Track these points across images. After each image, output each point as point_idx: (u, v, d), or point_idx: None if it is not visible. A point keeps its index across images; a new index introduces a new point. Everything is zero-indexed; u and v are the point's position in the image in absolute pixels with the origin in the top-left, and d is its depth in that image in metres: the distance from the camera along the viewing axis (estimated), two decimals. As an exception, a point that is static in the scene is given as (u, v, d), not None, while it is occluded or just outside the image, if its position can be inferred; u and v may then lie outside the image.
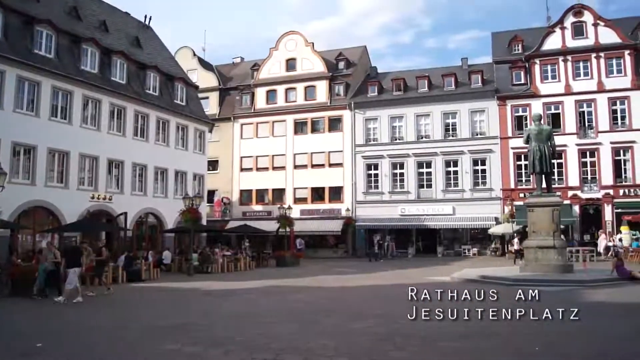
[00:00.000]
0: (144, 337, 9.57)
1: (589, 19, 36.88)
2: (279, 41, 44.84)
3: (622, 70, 35.48)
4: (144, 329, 10.39)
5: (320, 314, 11.66)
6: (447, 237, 38.70)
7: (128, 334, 9.82)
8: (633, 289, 15.11)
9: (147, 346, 8.72)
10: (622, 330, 8.89)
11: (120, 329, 10.35)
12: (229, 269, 26.86)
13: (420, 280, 19.51)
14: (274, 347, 8.20)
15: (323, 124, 42.11)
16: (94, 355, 8.23)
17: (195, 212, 26.08)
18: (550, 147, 19.62)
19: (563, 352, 7.58)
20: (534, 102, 36.46)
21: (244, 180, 43.15)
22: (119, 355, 8.26)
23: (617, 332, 8.72)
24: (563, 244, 19.54)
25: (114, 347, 8.77)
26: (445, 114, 38.67)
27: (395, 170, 39.32)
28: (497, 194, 36.67)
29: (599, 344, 7.95)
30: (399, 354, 7.61)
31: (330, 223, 39.32)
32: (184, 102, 34.38)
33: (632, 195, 34.03)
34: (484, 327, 9.43)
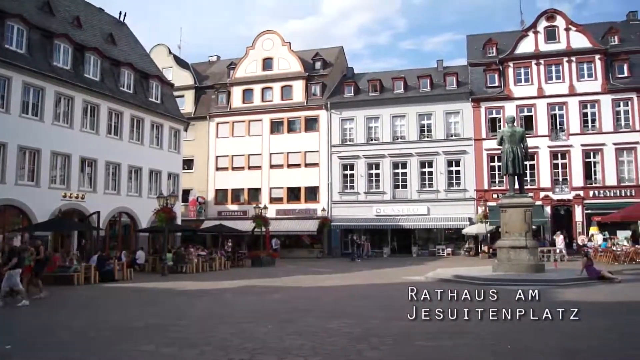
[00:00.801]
0: (118, 338, 9.44)
1: (561, 24, 37.65)
2: (256, 40, 44.69)
3: (593, 74, 36.30)
4: (118, 329, 10.25)
5: (296, 314, 11.67)
6: (422, 237, 39.10)
7: (101, 335, 9.68)
8: (602, 289, 15.45)
9: (120, 347, 8.60)
10: (592, 328, 9.09)
11: (93, 330, 10.20)
12: (203, 269, 26.69)
13: (395, 280, 19.69)
14: (249, 347, 8.17)
15: (299, 123, 42.11)
16: (66, 356, 8.10)
17: (169, 212, 25.84)
18: (523, 148, 20.00)
19: (534, 350, 7.71)
20: (507, 104, 37.06)
21: (220, 179, 42.89)
22: (92, 357, 8.13)
23: (587, 330, 8.91)
24: (535, 244, 19.90)
25: (87, 348, 8.64)
26: (420, 115, 39.02)
27: (370, 170, 39.53)
28: (471, 194, 37.15)
29: (569, 342, 8.11)
30: (374, 353, 7.66)
31: (306, 223, 39.35)
32: (159, 100, 34.04)
33: (602, 197, 34.83)
34: (459, 326, 9.56)
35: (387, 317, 10.99)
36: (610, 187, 34.95)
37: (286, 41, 44.32)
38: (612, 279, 16.94)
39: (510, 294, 9.01)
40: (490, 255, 29.95)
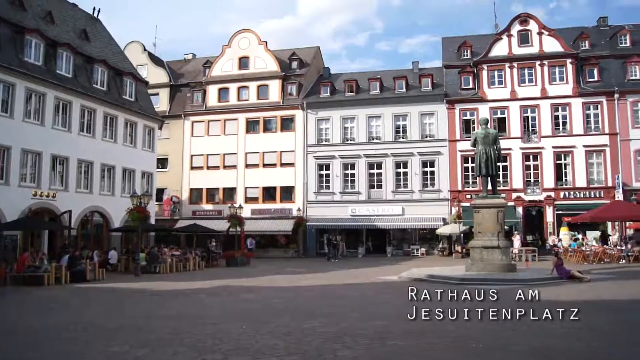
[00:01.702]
0: (90, 339, 9.31)
1: (534, 28, 38.30)
2: (232, 39, 44.44)
3: (564, 78, 37.02)
4: (89, 330, 10.10)
5: (270, 314, 11.65)
6: (397, 237, 39.37)
7: (71, 336, 9.53)
8: (571, 288, 15.77)
9: (92, 348, 8.49)
10: (563, 327, 9.27)
11: (64, 331, 10.04)
12: (177, 269, 26.44)
13: (369, 280, 19.81)
14: (223, 348, 8.14)
15: (275, 123, 42.00)
16: (37, 357, 7.95)
17: (143, 211, 25.50)
18: (496, 150, 20.27)
19: (507, 348, 7.84)
20: (481, 106, 37.54)
21: (194, 178, 42.54)
22: (63, 358, 8.01)
23: (558, 329, 9.08)
24: (507, 244, 20.23)
25: (59, 349, 8.50)
26: (396, 116, 39.29)
27: (346, 170, 39.65)
28: (445, 195, 37.54)
29: (542, 341, 8.26)
30: (348, 352, 7.69)
31: (282, 223, 39.28)
32: (133, 97, 33.62)
33: (572, 198, 35.55)
34: (433, 325, 9.66)
35: (362, 316, 11.06)
36: (580, 189, 35.69)
37: (262, 40, 44.16)
38: (582, 278, 17.31)
39: (485, 294, 9.12)
40: (463, 255, 30.33)
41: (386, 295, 15.25)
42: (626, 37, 38.46)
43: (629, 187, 34.66)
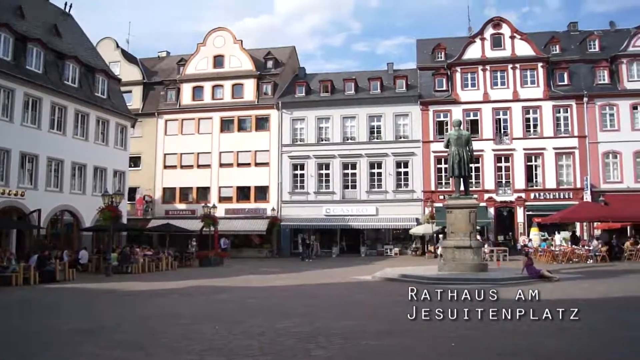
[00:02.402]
0: (60, 341, 9.15)
1: (507, 32, 38.94)
2: (207, 37, 44.09)
3: (535, 81, 37.72)
4: (60, 332, 9.93)
5: (244, 314, 11.62)
6: (370, 237, 39.59)
7: (40, 339, 9.35)
8: (541, 286, 16.02)
9: (64, 350, 8.34)
10: (532, 325, 9.45)
11: (34, 333, 9.85)
12: (149, 269, 26.15)
13: (343, 280, 19.89)
14: (197, 349, 8.10)
15: (250, 122, 41.82)
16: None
17: (114, 210, 25.13)
18: (469, 151, 20.53)
19: (477, 347, 7.96)
20: (454, 108, 37.99)
21: (168, 177, 42.08)
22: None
23: (528, 328, 9.26)
24: (479, 244, 20.54)
25: (24, 352, 8.33)
26: (370, 117, 39.50)
27: (321, 170, 39.71)
28: (418, 195, 37.88)
29: (511, 338, 8.41)
30: (322, 352, 7.72)
31: (256, 222, 39.15)
32: (105, 95, 33.11)
33: (542, 199, 36.25)
34: (407, 324, 9.75)
35: (336, 316, 11.10)
36: (550, 190, 36.42)
37: (238, 39, 43.92)
38: (551, 278, 17.65)
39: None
40: (436, 255, 30.63)
41: (360, 295, 15.34)
42: (595, 43, 39.39)
43: (597, 189, 35.51)
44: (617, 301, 12.82)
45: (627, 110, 36.26)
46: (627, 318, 10.30)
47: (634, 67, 36.94)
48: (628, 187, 35.10)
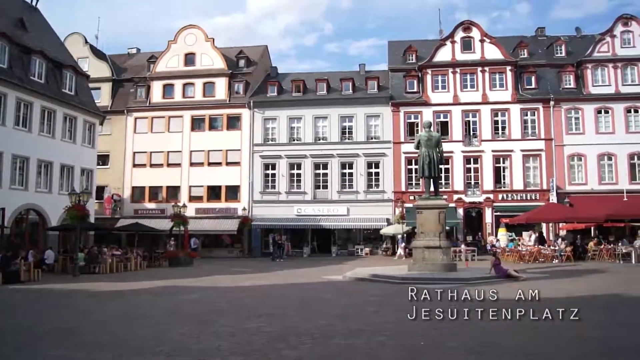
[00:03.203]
0: (25, 342, 8.94)
1: (477, 35, 39.56)
2: (178, 34, 43.62)
3: (504, 84, 38.42)
4: (25, 334, 9.70)
5: (214, 315, 11.54)
6: (341, 237, 39.73)
7: (7, 341, 9.12)
8: (508, 286, 16.37)
9: (29, 353, 8.16)
10: (499, 324, 9.63)
11: (-4, 335, 9.61)
12: (118, 269, 25.74)
13: (314, 280, 19.93)
14: (166, 350, 8.02)
15: (221, 121, 41.54)
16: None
17: (82, 209, 24.66)
18: (439, 153, 20.79)
19: (444, 344, 8.09)
20: (425, 109, 38.43)
21: (137, 176, 41.47)
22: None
23: (495, 326, 9.43)
24: (448, 244, 20.82)
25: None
26: (342, 117, 39.65)
27: (292, 170, 39.68)
28: (389, 196, 38.18)
29: (478, 337, 8.55)
30: (292, 352, 7.74)
31: (226, 222, 38.91)
32: (72, 91, 32.47)
33: (509, 200, 36.94)
34: (377, 324, 9.84)
35: (306, 316, 11.12)
36: (517, 191, 37.13)
37: (209, 37, 43.58)
38: (518, 277, 18.02)
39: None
40: (406, 255, 30.93)
41: (330, 294, 15.39)
42: (562, 48, 40.32)
43: (563, 190, 36.36)
44: (580, 300, 13.14)
45: (591, 114, 37.24)
46: (589, 317, 10.56)
47: (598, 72, 37.97)
48: (592, 189, 36.05)
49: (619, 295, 13.89)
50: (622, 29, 38.43)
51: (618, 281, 17.21)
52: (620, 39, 38.21)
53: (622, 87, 37.38)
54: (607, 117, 37.26)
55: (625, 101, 37.10)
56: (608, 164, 36.82)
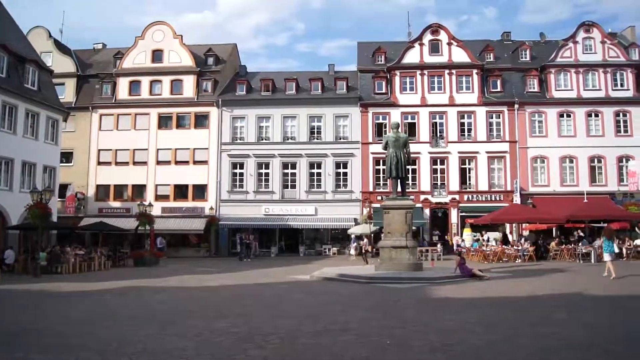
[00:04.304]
0: (-19, 344, 8.72)
1: (445, 38, 40.14)
2: (146, 30, 42.98)
3: (470, 87, 39.10)
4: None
5: (180, 315, 11.43)
6: (309, 237, 39.80)
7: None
8: (472, 285, 16.70)
9: (-16, 354, 7.96)
10: (464, 322, 9.82)
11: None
12: (81, 269, 25.25)
13: (281, 279, 19.92)
14: (130, 351, 7.92)
15: (189, 119, 41.12)
16: None
17: (44, 208, 24.16)
18: (406, 153, 21.06)
19: (409, 343, 8.19)
20: (393, 110, 38.82)
21: (102, 174, 40.70)
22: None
23: (460, 324, 9.61)
24: (414, 244, 21.07)
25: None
26: (311, 117, 39.71)
27: (260, 170, 39.56)
28: (356, 196, 38.41)
29: (443, 335, 8.70)
30: (259, 352, 7.73)
31: (193, 221, 38.56)
32: (35, 86, 31.67)
33: (475, 201, 37.62)
34: (343, 323, 9.91)
35: (274, 316, 11.12)
36: (482, 192, 37.84)
37: (178, 34, 43.07)
38: (482, 277, 18.38)
39: (391, 292, 9.47)
40: (373, 255, 31.16)
41: (298, 294, 15.41)
42: (526, 52, 41.26)
43: (526, 192, 37.23)
44: (542, 299, 13.48)
45: (554, 118, 38.23)
46: (550, 315, 10.86)
47: (561, 77, 39.00)
48: (554, 191, 36.99)
49: (579, 294, 14.29)
50: (584, 36, 39.56)
51: (578, 280, 17.71)
52: (582, 45, 39.34)
53: (584, 92, 38.50)
54: (569, 120, 38.31)
55: (586, 105, 38.22)
56: (569, 167, 37.87)
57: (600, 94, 38.43)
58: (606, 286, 15.90)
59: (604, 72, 38.76)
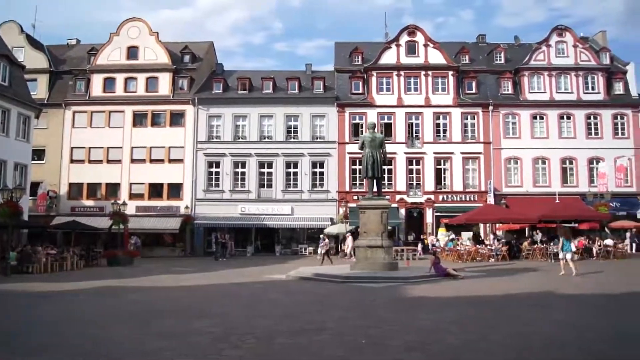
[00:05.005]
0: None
1: (421, 40, 40.50)
2: (121, 27, 42.39)
3: (446, 88, 39.53)
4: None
5: (155, 315, 11.33)
6: (285, 236, 39.77)
7: None
8: (447, 284, 16.90)
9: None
10: (438, 321, 9.94)
11: None
12: (53, 269, 24.79)
13: (257, 279, 19.87)
14: (104, 352, 7.83)
15: (164, 117, 40.71)
16: None
17: (14, 206, 23.66)
18: (382, 154, 21.20)
19: (385, 342, 8.26)
20: (369, 111, 39.03)
21: (74, 172, 40.01)
22: None
23: (434, 323, 9.72)
24: (390, 243, 21.21)
25: None
26: (287, 117, 39.68)
27: (236, 169, 39.38)
28: (333, 195, 38.52)
29: (419, 334, 8.79)
30: (235, 352, 7.71)
31: (168, 221, 38.19)
32: (6, 82, 31.01)
33: (449, 201, 38.05)
34: (320, 322, 9.94)
35: (249, 315, 11.10)
36: (457, 192, 38.30)
37: (154, 31, 42.58)
38: (456, 276, 18.61)
39: (367, 291, 9.52)
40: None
41: (274, 294, 15.40)
42: (501, 55, 41.87)
43: (499, 192, 37.79)
44: (515, 297, 13.72)
45: (527, 120, 38.90)
46: (522, 314, 11.06)
47: (534, 79, 39.71)
48: (527, 191, 37.63)
49: (552, 293, 14.58)
50: (557, 39, 40.32)
51: (550, 279, 18.04)
52: (555, 49, 40.11)
53: (556, 95, 39.25)
54: (542, 122, 39.02)
55: (559, 108, 39.00)
56: (542, 168, 38.57)
57: (572, 97, 39.24)
58: (577, 285, 16.26)
59: (575, 75, 39.59)
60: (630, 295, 14.39)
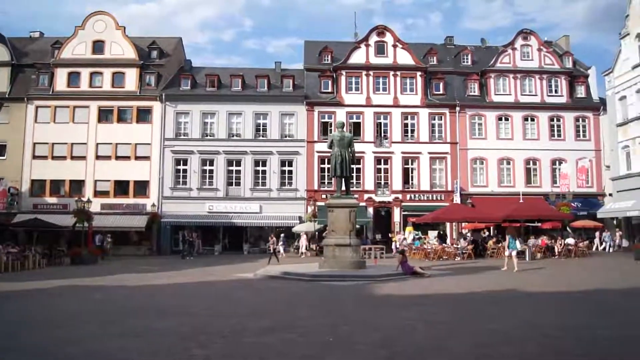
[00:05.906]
0: None
1: (390, 40, 40.81)
2: (86, 20, 41.44)
3: (414, 89, 39.95)
4: None
5: (120, 315, 11.16)
6: (254, 235, 39.62)
7: None
8: (414, 283, 17.10)
9: None
10: (403, 319, 10.06)
11: None
12: (14, 268, 24.12)
13: (225, 278, 19.77)
14: (68, 352, 7.68)
15: (131, 114, 40.02)
16: None
17: (-26, 203, 22.98)
18: (351, 153, 21.31)
19: (352, 340, 8.33)
20: (338, 110, 39.17)
21: (37, 168, 38.98)
22: None
23: (399, 321, 9.84)
24: (358, 242, 21.36)
25: None
26: (256, 114, 39.50)
27: (204, 166, 39.03)
28: (301, 194, 38.54)
29: (386, 332, 8.88)
30: (202, 351, 7.65)
31: (134, 219, 37.58)
32: (-35, 76, 30.05)
33: (417, 200, 38.49)
34: (289, 321, 9.96)
35: (217, 314, 11.05)
36: (424, 192, 38.76)
37: (120, 25, 41.79)
38: (423, 274, 18.87)
39: (335, 290, 9.57)
40: (317, 253, 31.37)
41: (242, 292, 15.34)
42: (468, 57, 42.53)
43: (466, 192, 38.42)
44: (479, 295, 13.98)
45: (493, 121, 39.65)
46: (486, 310, 11.29)
47: (500, 81, 40.49)
48: (492, 191, 38.35)
49: (515, 290, 14.92)
50: (522, 43, 41.18)
51: (513, 278, 18.44)
52: (520, 52, 40.96)
53: (521, 97, 40.10)
54: (507, 124, 39.82)
55: (523, 110, 39.87)
56: (507, 168, 39.37)
57: (536, 100, 40.15)
58: (539, 283, 16.67)
59: (540, 78, 40.51)
60: (582, 291, 14.82)
